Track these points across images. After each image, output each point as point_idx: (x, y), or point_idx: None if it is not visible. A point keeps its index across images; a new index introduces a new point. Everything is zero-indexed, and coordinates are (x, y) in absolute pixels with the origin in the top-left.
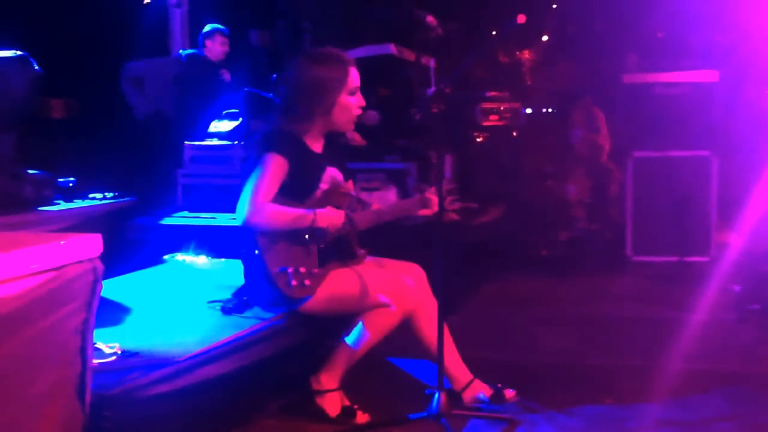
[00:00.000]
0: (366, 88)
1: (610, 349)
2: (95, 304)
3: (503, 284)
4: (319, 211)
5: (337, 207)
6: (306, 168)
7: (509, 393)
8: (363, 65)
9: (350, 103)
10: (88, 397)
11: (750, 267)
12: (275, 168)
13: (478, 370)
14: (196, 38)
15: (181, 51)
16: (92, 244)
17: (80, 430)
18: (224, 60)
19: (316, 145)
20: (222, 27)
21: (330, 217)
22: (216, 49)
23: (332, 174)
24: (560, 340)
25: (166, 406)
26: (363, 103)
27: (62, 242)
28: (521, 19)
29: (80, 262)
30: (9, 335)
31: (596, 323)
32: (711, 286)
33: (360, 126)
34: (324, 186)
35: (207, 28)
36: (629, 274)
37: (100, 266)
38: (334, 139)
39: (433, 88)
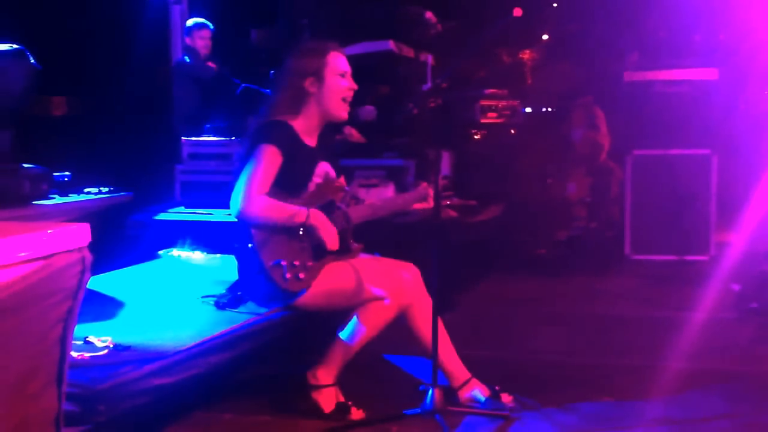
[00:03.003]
0: (365, 85)
1: (608, 348)
2: (81, 294)
3: (502, 283)
4: (312, 210)
5: (331, 201)
6: (299, 159)
7: (506, 397)
8: (362, 62)
9: (340, 85)
10: (64, 388)
11: (749, 266)
12: (269, 159)
13: (477, 368)
14: None
15: None
16: (81, 233)
17: (53, 420)
18: (209, 55)
19: (310, 139)
20: (203, 22)
21: (323, 221)
22: (197, 44)
23: (326, 169)
24: (559, 338)
25: (159, 399)
26: (355, 86)
27: (50, 231)
28: (517, 12)
29: (69, 251)
30: None
31: (595, 322)
32: (710, 285)
33: (358, 123)
34: (318, 180)
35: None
36: (628, 273)
37: (89, 256)
38: (328, 135)
39: (429, 84)
